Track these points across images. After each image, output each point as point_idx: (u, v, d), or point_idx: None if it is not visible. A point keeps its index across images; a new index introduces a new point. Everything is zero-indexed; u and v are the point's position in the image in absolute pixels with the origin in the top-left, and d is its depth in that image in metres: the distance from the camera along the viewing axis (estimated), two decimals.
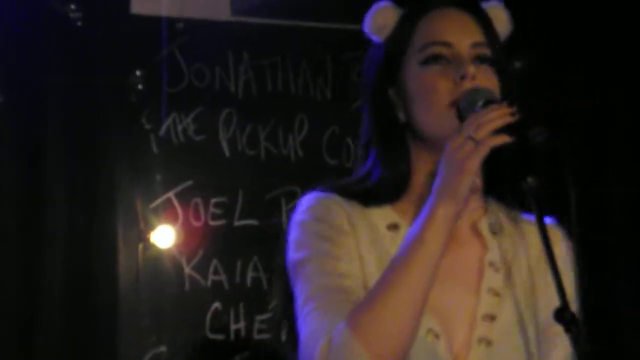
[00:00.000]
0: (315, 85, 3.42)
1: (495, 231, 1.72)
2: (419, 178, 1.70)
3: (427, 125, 1.67)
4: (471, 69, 1.64)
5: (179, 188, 3.25)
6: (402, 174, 1.70)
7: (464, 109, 1.62)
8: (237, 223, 3.31)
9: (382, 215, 1.70)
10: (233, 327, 3.22)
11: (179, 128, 3.27)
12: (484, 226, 1.72)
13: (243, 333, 3.21)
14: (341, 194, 1.70)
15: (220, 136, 3.31)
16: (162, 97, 3.23)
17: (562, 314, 1.48)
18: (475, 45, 1.67)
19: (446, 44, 1.67)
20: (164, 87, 3.23)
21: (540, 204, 1.55)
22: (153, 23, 3.24)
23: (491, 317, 1.66)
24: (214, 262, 3.25)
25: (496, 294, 1.67)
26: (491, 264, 1.68)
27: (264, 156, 3.37)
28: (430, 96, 1.65)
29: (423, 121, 1.67)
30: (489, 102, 1.59)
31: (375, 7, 1.74)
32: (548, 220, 1.69)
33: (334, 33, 3.35)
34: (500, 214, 1.74)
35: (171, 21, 3.26)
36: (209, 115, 3.31)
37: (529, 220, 1.73)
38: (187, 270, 3.23)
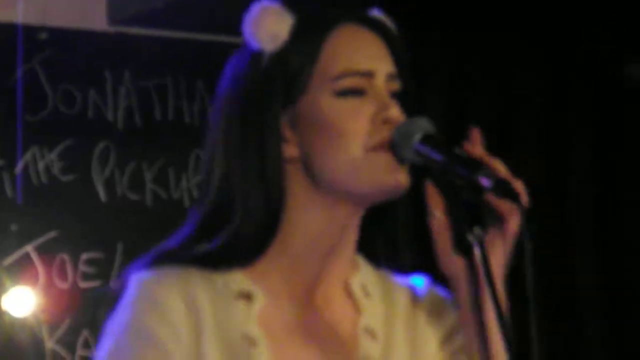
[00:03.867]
0: None
1: (368, 293, 1.62)
2: (297, 233, 1.56)
3: (336, 168, 1.54)
4: (395, 113, 1.54)
5: (40, 240, 2.99)
6: (269, 226, 1.55)
7: (398, 144, 1.52)
8: (115, 285, 2.85)
9: (229, 283, 1.57)
10: None
11: (41, 166, 3.02)
12: (356, 286, 1.61)
13: None
14: (176, 262, 1.56)
15: (94, 176, 3.06)
16: (19, 127, 2.98)
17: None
18: (390, 77, 1.58)
19: (367, 74, 1.56)
20: (20, 114, 2.98)
21: (487, 256, 1.44)
22: (7, 32, 2.99)
23: None
24: (84, 333, 2.97)
25: None
26: (366, 330, 1.59)
27: (150, 201, 3.11)
28: (346, 135, 1.54)
29: (331, 163, 1.54)
30: (428, 136, 1.51)
31: (263, 9, 1.57)
32: (422, 281, 1.65)
33: (238, 48, 2.95)
34: (369, 273, 1.64)
35: (31, 30, 3.03)
36: (79, 149, 3.05)
37: (399, 283, 1.66)
38: (50, 344, 2.96)
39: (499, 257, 1.52)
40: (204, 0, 3.00)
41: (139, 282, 1.55)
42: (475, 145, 1.52)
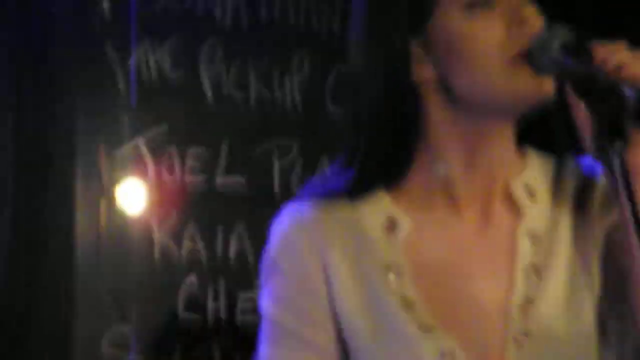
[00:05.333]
0: (320, 16, 3.09)
1: (532, 193, 1.53)
2: (443, 154, 1.50)
3: (475, 87, 1.48)
4: (530, 11, 1.46)
5: (150, 134, 2.90)
6: (406, 145, 1.51)
7: (535, 55, 1.44)
8: (219, 181, 2.97)
9: (374, 210, 1.52)
10: (211, 305, 2.92)
11: (151, 61, 2.91)
12: (518, 187, 1.53)
13: (223, 314, 2.91)
14: (323, 200, 1.53)
15: (201, 73, 2.96)
16: (132, 22, 2.85)
17: None
18: None
19: None
20: (133, 8, 2.86)
21: (626, 173, 1.35)
22: None
23: (530, 301, 1.47)
24: (190, 227, 2.92)
25: (535, 272, 1.49)
26: (528, 235, 1.50)
27: (254, 100, 3.03)
28: (481, 51, 1.46)
29: (469, 82, 1.48)
30: (566, 45, 1.42)
31: None
32: (600, 171, 1.53)
33: None
34: (537, 169, 1.56)
35: None
36: (188, 46, 2.95)
37: (574, 171, 1.55)
38: (158, 235, 2.90)
39: None
40: None
41: (283, 217, 1.54)
42: (617, 49, 1.42)
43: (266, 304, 1.54)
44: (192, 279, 2.91)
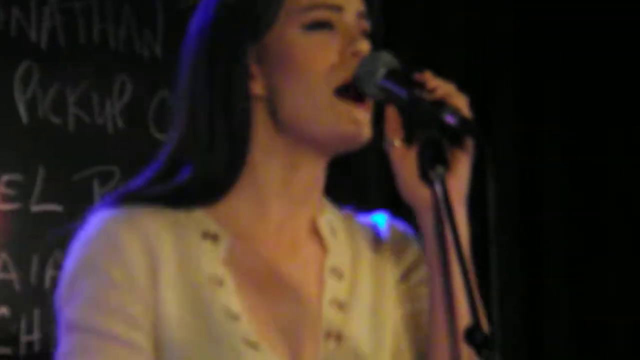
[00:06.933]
0: (142, 39, 2.99)
1: (334, 232, 1.59)
2: (260, 172, 1.52)
3: (298, 111, 1.50)
4: (364, 46, 1.49)
5: None
6: (233, 165, 1.51)
7: (361, 79, 1.47)
8: (34, 208, 2.84)
9: (192, 220, 1.52)
10: (24, 339, 2.77)
11: None
12: (323, 226, 1.58)
13: (37, 347, 2.76)
14: (140, 201, 1.51)
15: (16, 96, 2.84)
16: None
17: (472, 335, 1.30)
18: (359, 15, 1.53)
19: (335, 8, 1.50)
20: None
21: (448, 195, 1.40)
22: None
23: (337, 336, 1.52)
24: (3, 256, 2.79)
25: (340, 306, 1.53)
26: (333, 270, 1.55)
27: (72, 125, 2.91)
28: (310, 75, 1.48)
29: (293, 105, 1.50)
30: (392, 71, 1.46)
31: None
32: (383, 219, 1.62)
33: None
34: (334, 214, 1.61)
35: None
36: (1, 69, 2.82)
37: (362, 223, 1.63)
38: None
39: (460, 185, 1.48)
40: None
41: (98, 219, 1.49)
42: (438, 80, 1.46)
43: (76, 311, 1.47)
44: (3, 310, 2.77)
